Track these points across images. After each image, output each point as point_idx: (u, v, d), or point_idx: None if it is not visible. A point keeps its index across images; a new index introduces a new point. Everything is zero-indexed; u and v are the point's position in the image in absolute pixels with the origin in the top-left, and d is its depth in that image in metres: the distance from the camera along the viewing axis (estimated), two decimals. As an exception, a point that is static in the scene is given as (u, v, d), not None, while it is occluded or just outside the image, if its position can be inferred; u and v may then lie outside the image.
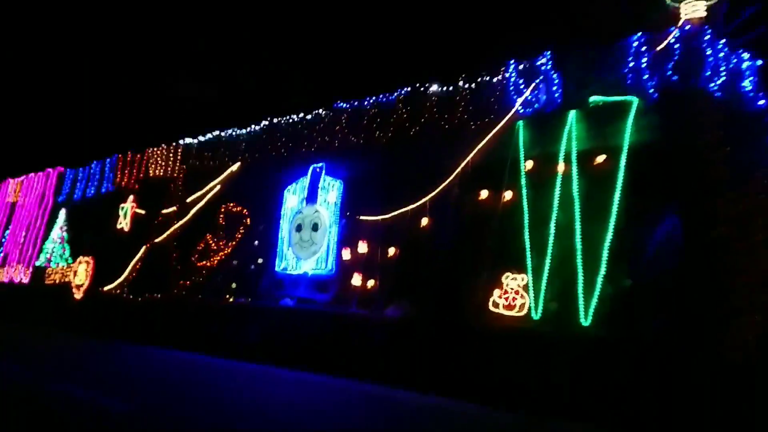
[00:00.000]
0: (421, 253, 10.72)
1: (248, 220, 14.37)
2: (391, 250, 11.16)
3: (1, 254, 24.38)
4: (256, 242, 13.97)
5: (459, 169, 10.51)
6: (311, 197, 12.92)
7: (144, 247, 17.21)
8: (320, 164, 12.95)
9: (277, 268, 13.20)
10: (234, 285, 14.05)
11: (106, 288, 17.79)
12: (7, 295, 22.29)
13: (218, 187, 15.59)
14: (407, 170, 11.34)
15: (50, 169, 23.51)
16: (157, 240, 16.85)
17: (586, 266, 8.45)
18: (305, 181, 13.19)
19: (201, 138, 16.67)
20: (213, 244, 15.05)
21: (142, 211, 17.88)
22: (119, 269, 17.74)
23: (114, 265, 18.01)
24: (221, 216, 15.03)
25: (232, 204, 14.88)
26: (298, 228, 12.90)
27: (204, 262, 15.11)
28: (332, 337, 11.32)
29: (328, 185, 12.71)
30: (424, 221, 10.81)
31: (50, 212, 22.74)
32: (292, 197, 13.38)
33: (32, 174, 24.52)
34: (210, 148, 16.35)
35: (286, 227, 13.30)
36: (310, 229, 12.63)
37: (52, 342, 15.98)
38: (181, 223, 16.28)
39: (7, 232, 24.54)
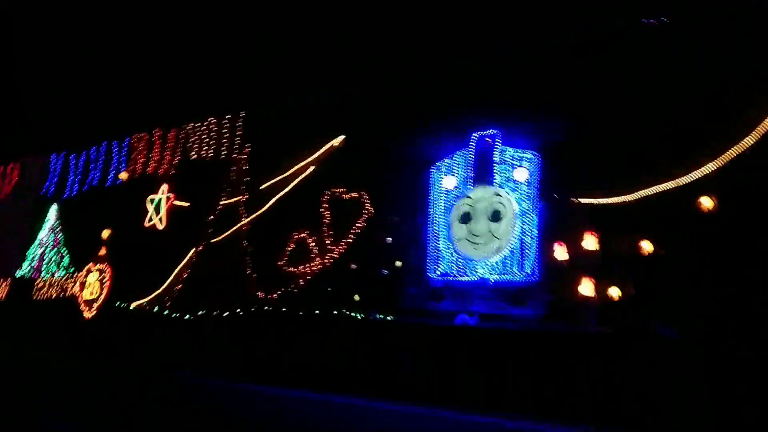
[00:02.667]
0: (700, 249, 7.56)
1: (369, 209, 10.76)
2: (646, 245, 7.93)
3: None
4: (389, 239, 10.38)
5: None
6: (482, 176, 9.51)
7: (193, 250, 13.18)
8: (490, 131, 9.56)
9: (431, 274, 9.69)
10: (357, 297, 10.40)
11: (135, 304, 13.63)
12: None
13: (312, 168, 11.85)
14: (650, 129, 8.16)
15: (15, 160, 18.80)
16: (214, 240, 12.89)
17: None
18: (466, 156, 9.76)
19: (275, 106, 12.84)
20: (313, 244, 11.31)
21: (185, 204, 13.82)
22: (152, 279, 13.66)
23: (142, 274, 13.91)
24: (324, 206, 11.32)
25: (340, 190, 11.19)
26: (465, 218, 9.45)
27: (298, 268, 11.34)
28: (558, 366, 8.03)
29: (512, 158, 9.34)
30: (706, 202, 7.65)
31: (32, 209, 18.11)
32: (448, 178, 9.91)
33: None
34: (290, 119, 12.55)
35: (441, 218, 9.82)
36: (488, 219, 9.22)
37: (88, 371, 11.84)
38: (253, 216, 12.40)
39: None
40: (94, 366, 13.26)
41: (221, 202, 13.04)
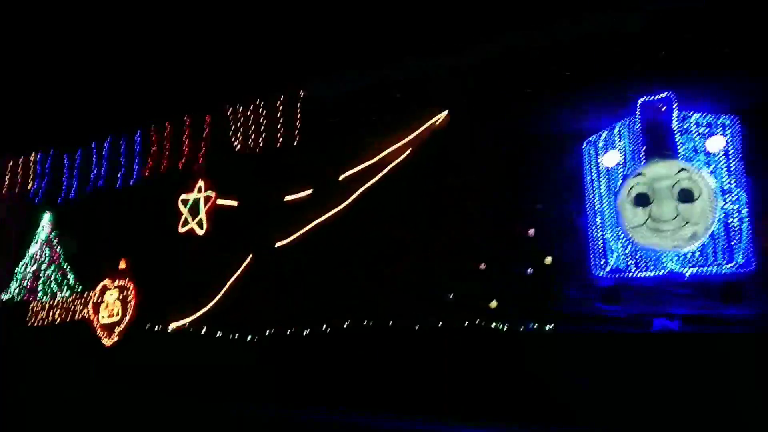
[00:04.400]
0: None
1: (499, 197, 8.89)
2: None
3: None
4: (531, 231, 8.54)
5: None
6: (657, 149, 7.80)
7: (250, 257, 10.96)
8: (661, 94, 7.88)
9: (597, 271, 7.91)
10: (494, 304, 8.50)
11: (174, 325, 11.29)
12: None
13: (406, 152, 9.87)
14: None
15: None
16: (280, 243, 10.71)
17: None
18: (630, 126, 8.06)
19: (345, 81, 10.77)
20: (419, 242, 9.35)
21: (233, 203, 11.56)
22: (193, 295, 11.36)
23: (179, 290, 11.59)
24: (432, 195, 9.37)
25: (451, 176, 9.28)
26: (641, 201, 7.69)
27: (398, 269, 9.36)
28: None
29: (700, 125, 7.69)
30: None
31: (14, 220, 15.32)
32: (609, 154, 8.16)
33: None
34: (365, 97, 10.53)
35: (606, 202, 8.07)
36: (674, 200, 7.51)
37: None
38: (333, 212, 10.30)
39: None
40: (129, 400, 10.87)
41: (287, 198, 10.85)
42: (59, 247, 14.07)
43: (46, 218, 14.50)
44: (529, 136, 8.72)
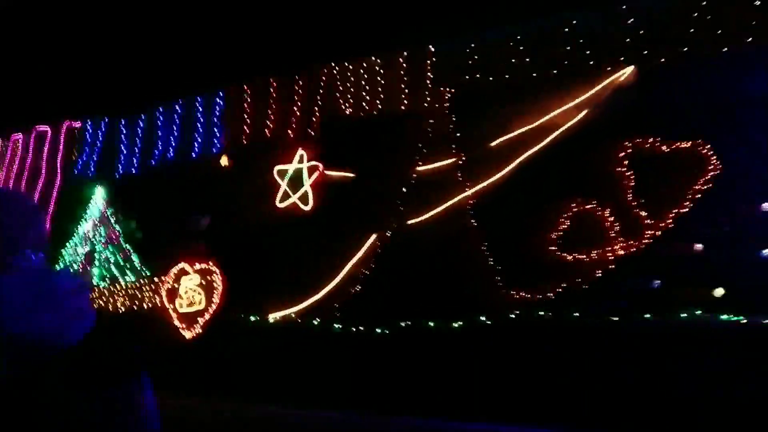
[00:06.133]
0: None
1: (714, 164, 7.42)
2: None
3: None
4: (767, 205, 7.08)
5: None
6: None
7: (373, 237, 9.36)
8: None
9: None
10: (719, 292, 7.03)
11: (275, 315, 9.68)
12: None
13: (579, 114, 8.35)
14: None
15: (37, 127, 14.00)
16: (412, 221, 9.13)
17: None
18: None
19: (490, 35, 9.19)
20: (609, 218, 7.84)
21: (347, 174, 9.93)
22: (297, 280, 9.76)
23: (278, 274, 9.98)
24: (624, 163, 7.87)
25: (648, 139, 7.79)
26: None
27: (587, 255, 7.85)
28: None
29: None
30: None
31: (58, 195, 13.50)
32: None
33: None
34: (523, 51, 8.97)
35: None
36: None
37: None
38: (481, 187, 8.74)
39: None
40: (213, 403, 9.22)
41: (419, 168, 9.27)
42: (117, 226, 12.27)
43: (100, 193, 12.69)
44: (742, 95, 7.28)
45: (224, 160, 11.19)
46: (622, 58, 8.17)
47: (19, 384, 1.07)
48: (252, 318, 10.07)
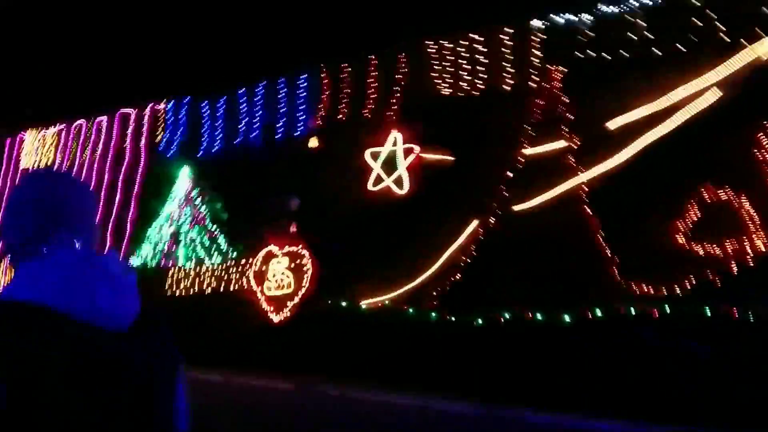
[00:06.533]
0: None
1: None
2: None
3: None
4: None
5: None
6: None
7: (475, 223, 8.91)
8: None
9: None
10: None
11: (368, 302, 9.37)
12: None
13: (712, 93, 7.62)
14: None
15: (121, 110, 14.05)
16: (519, 207, 8.63)
17: None
18: None
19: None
20: (744, 208, 7.16)
21: (448, 157, 9.50)
22: (391, 266, 9.39)
23: (371, 259, 9.65)
24: (763, 144, 7.15)
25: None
26: None
27: (721, 246, 7.19)
28: None
29: None
30: None
31: (143, 176, 13.54)
32: None
33: (80, 119, 14.96)
34: (645, 24, 8.28)
35: None
36: None
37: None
38: (600, 172, 8.15)
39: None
40: (301, 390, 9.00)
41: (524, 152, 8.75)
42: (203, 207, 12.22)
43: (185, 173, 12.65)
44: None
45: (314, 141, 10.94)
46: (761, 29, 7.39)
47: (19, 384, 0.98)
48: (343, 303, 9.81)
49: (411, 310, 9.15)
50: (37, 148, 15.81)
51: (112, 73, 14.56)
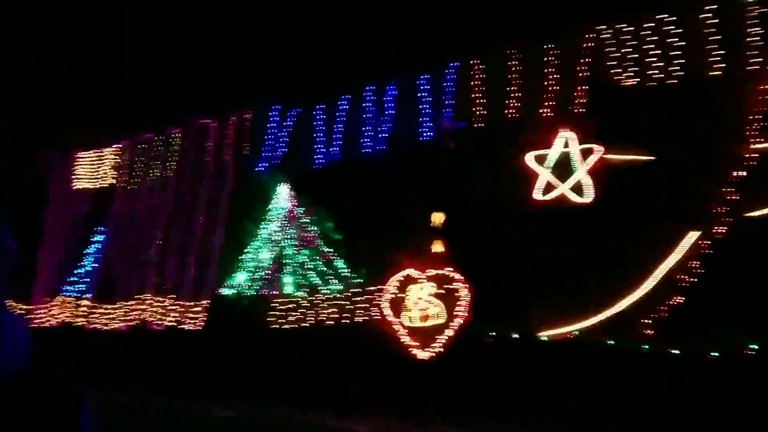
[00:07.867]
0: None
1: None
2: None
3: (92, 278, 13.02)
4: None
5: None
6: None
7: (694, 235, 7.36)
8: None
9: None
10: None
11: (551, 333, 7.78)
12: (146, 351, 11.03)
13: None
14: None
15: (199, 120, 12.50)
16: (752, 213, 7.10)
17: None
18: None
19: None
20: None
21: (643, 157, 7.99)
22: (575, 290, 7.83)
23: (545, 282, 8.08)
24: None
25: None
26: None
27: None
28: None
29: None
30: None
31: (231, 193, 11.95)
32: None
33: (147, 133, 13.42)
34: None
35: None
36: None
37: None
38: None
39: (98, 238, 13.20)
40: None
41: (752, 147, 7.26)
42: (312, 227, 10.64)
43: (284, 190, 11.10)
44: None
45: (452, 144, 9.46)
46: None
47: None
48: (514, 335, 8.20)
49: (611, 342, 7.54)
50: (94, 168, 14.23)
51: (185, 82, 13.02)
